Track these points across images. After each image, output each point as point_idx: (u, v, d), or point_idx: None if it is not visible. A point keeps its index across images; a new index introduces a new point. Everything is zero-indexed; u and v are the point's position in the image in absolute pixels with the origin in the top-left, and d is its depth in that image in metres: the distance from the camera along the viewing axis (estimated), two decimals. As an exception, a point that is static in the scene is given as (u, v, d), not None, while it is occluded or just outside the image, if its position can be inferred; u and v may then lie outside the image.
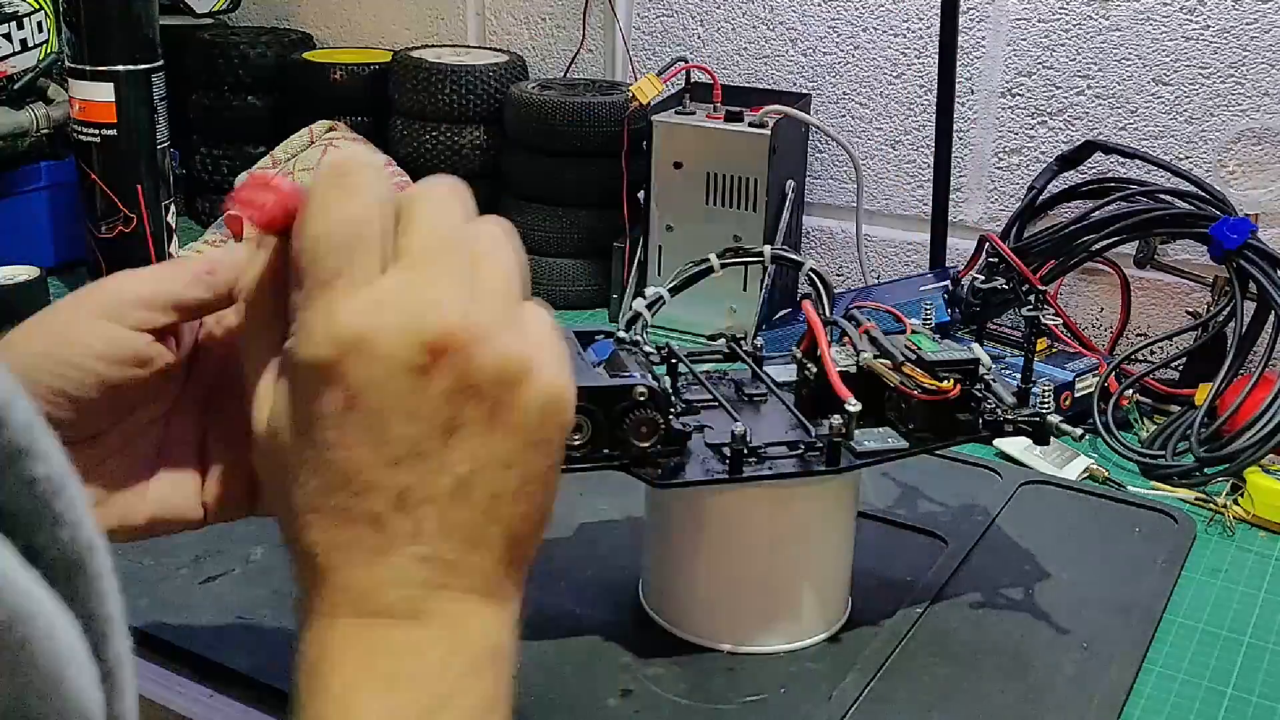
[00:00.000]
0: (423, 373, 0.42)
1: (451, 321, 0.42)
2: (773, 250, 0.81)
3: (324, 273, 0.42)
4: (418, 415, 0.42)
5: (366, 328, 0.41)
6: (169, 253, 1.32)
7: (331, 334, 0.41)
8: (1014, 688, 0.73)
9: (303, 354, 0.42)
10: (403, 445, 0.42)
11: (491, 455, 0.43)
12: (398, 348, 0.41)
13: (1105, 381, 1.09)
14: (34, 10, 1.41)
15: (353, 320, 0.41)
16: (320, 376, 0.42)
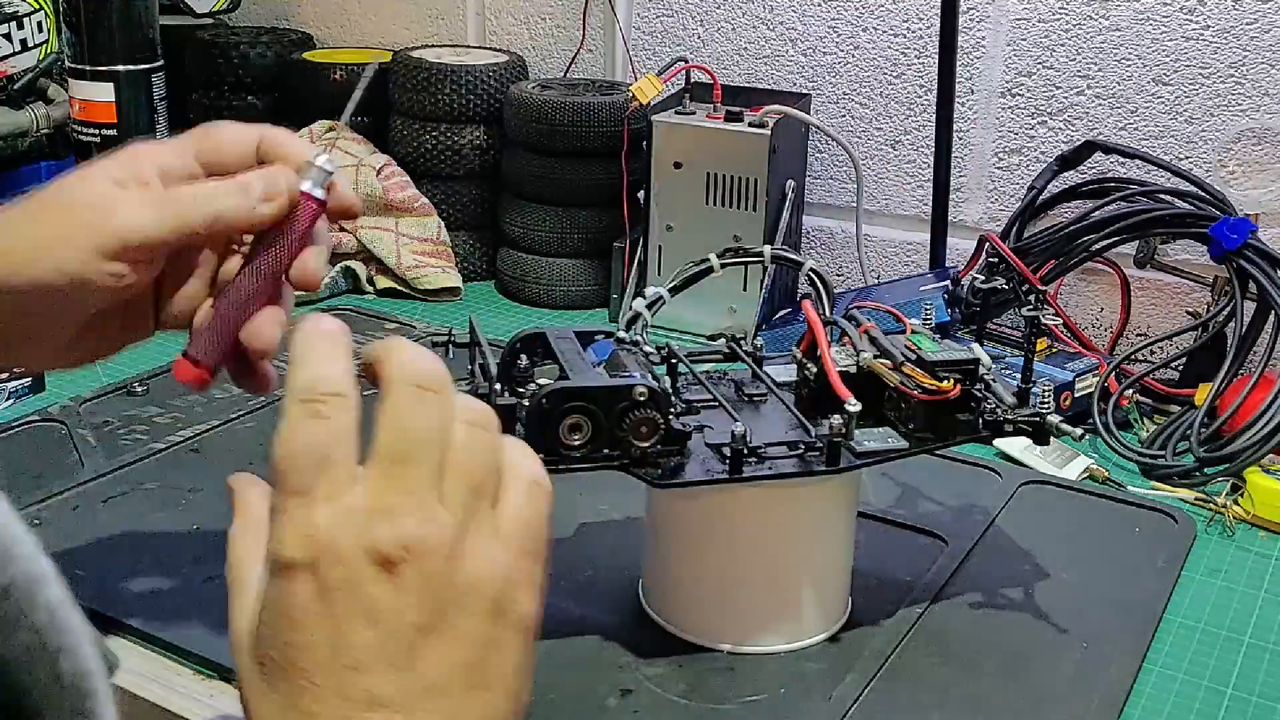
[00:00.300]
0: (384, 580, 0.43)
1: (409, 533, 0.43)
2: (773, 250, 0.81)
3: (297, 486, 0.44)
4: (380, 620, 0.43)
5: (331, 536, 0.43)
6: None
7: (301, 539, 0.43)
8: (1014, 688, 0.73)
9: (276, 555, 0.44)
10: (367, 651, 0.43)
11: (460, 659, 0.44)
12: (358, 556, 0.43)
13: (1105, 381, 1.09)
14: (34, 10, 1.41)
15: (320, 528, 0.43)
16: (289, 577, 0.43)
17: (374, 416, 0.45)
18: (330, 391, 0.46)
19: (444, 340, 0.77)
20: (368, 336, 1.24)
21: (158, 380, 1.12)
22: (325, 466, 0.44)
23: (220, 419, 1.04)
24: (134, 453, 0.98)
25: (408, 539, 0.43)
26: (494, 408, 0.67)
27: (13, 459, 0.97)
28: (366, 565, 0.43)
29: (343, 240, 1.38)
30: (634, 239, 1.31)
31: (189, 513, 0.89)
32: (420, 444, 0.45)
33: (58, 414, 1.04)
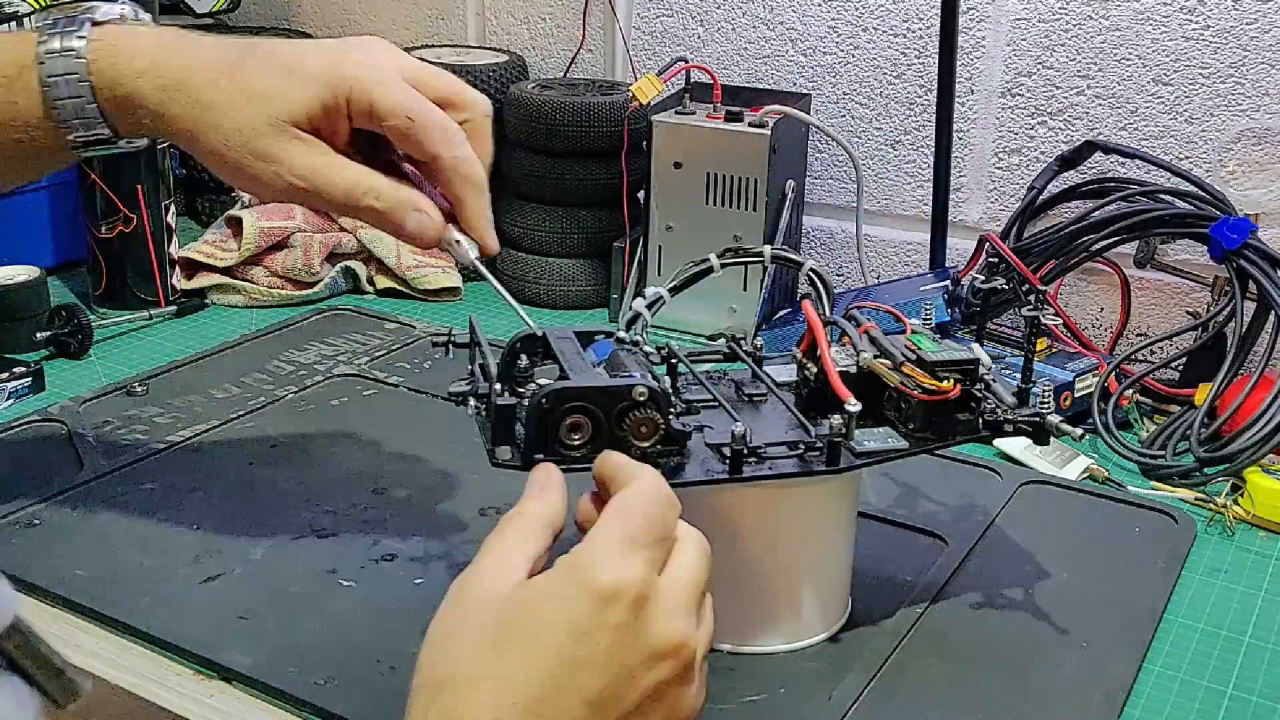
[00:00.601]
0: (655, 660, 0.54)
1: (693, 643, 0.56)
2: (773, 250, 0.81)
3: (635, 534, 0.55)
4: (627, 684, 0.53)
5: (649, 596, 0.54)
6: (169, 253, 1.32)
7: (625, 579, 0.54)
8: (1014, 687, 0.73)
9: (595, 575, 0.54)
10: (602, 695, 0.53)
11: None
12: (656, 633, 0.54)
13: (1105, 381, 1.09)
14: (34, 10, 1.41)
15: (644, 585, 0.54)
16: (596, 597, 0.53)
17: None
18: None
19: (444, 340, 0.77)
20: (368, 336, 1.24)
21: (158, 380, 1.12)
22: (662, 538, 0.56)
23: (220, 419, 1.04)
24: (134, 453, 0.98)
25: (683, 648, 0.55)
26: (493, 407, 0.68)
27: (13, 459, 0.97)
28: (649, 645, 0.54)
29: (343, 240, 1.38)
30: (634, 239, 1.31)
31: (189, 513, 0.89)
32: (702, 580, 0.59)
33: (58, 414, 1.04)
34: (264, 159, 0.68)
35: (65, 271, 1.40)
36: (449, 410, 1.04)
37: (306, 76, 0.68)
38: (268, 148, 0.68)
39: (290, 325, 1.27)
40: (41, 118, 0.69)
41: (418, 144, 0.70)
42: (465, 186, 0.71)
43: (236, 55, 0.70)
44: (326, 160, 0.69)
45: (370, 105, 0.69)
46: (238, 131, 0.68)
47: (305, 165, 0.68)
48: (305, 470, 0.96)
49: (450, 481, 0.95)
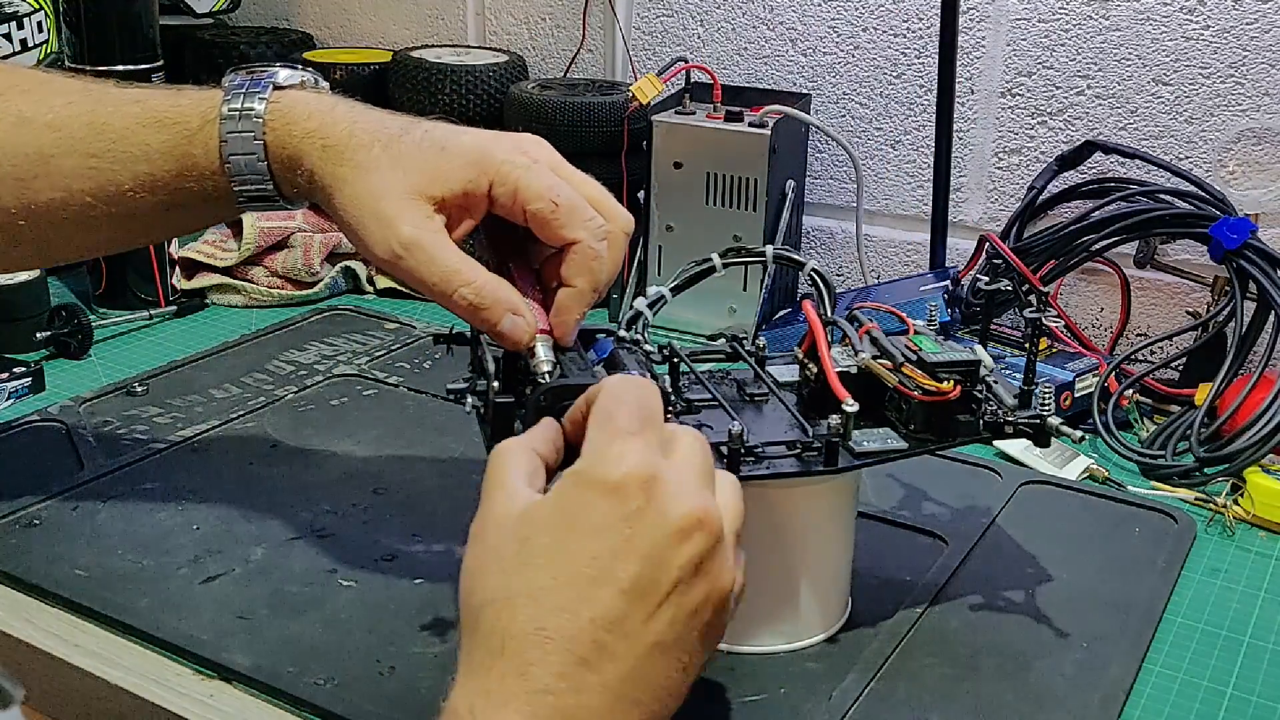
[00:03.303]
0: (681, 537, 0.54)
1: (711, 515, 0.55)
2: (775, 250, 0.81)
3: (628, 425, 0.56)
4: (656, 566, 0.53)
5: (658, 476, 0.54)
6: (169, 253, 1.32)
7: (627, 467, 0.54)
8: (1014, 688, 0.73)
9: (599, 473, 0.54)
10: (625, 581, 0.52)
11: (681, 634, 0.55)
12: (675, 508, 0.54)
13: (1105, 381, 1.09)
14: (34, 10, 1.41)
15: (648, 466, 0.54)
16: (605, 491, 0.53)
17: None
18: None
19: (445, 338, 0.77)
20: (368, 336, 1.24)
21: (158, 380, 1.12)
22: (649, 418, 0.56)
23: (220, 419, 1.04)
24: (134, 453, 0.98)
25: (706, 519, 0.54)
26: (493, 405, 0.68)
27: (13, 459, 0.97)
28: (671, 521, 0.53)
29: (343, 240, 1.38)
30: (634, 239, 1.30)
31: (189, 513, 0.89)
32: (709, 468, 0.59)
33: (58, 414, 1.04)
34: (381, 221, 0.68)
35: (65, 271, 1.40)
36: (449, 410, 1.04)
37: (457, 154, 0.69)
38: (389, 210, 0.68)
39: (290, 325, 1.27)
40: (216, 171, 0.73)
41: (558, 229, 0.69)
42: (582, 275, 0.70)
43: (398, 128, 0.71)
44: (436, 239, 0.68)
45: (516, 189, 0.69)
46: (369, 193, 0.69)
47: (414, 236, 0.68)
48: (305, 470, 0.96)
49: (450, 481, 0.95)
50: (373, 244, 0.69)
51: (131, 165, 0.73)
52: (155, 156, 0.73)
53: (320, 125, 0.72)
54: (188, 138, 0.73)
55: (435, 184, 0.69)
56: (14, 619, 0.78)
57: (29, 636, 0.77)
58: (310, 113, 0.73)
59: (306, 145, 0.72)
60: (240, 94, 0.72)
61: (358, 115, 0.73)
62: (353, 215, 0.70)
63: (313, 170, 0.71)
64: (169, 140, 0.73)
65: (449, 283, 0.68)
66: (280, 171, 0.73)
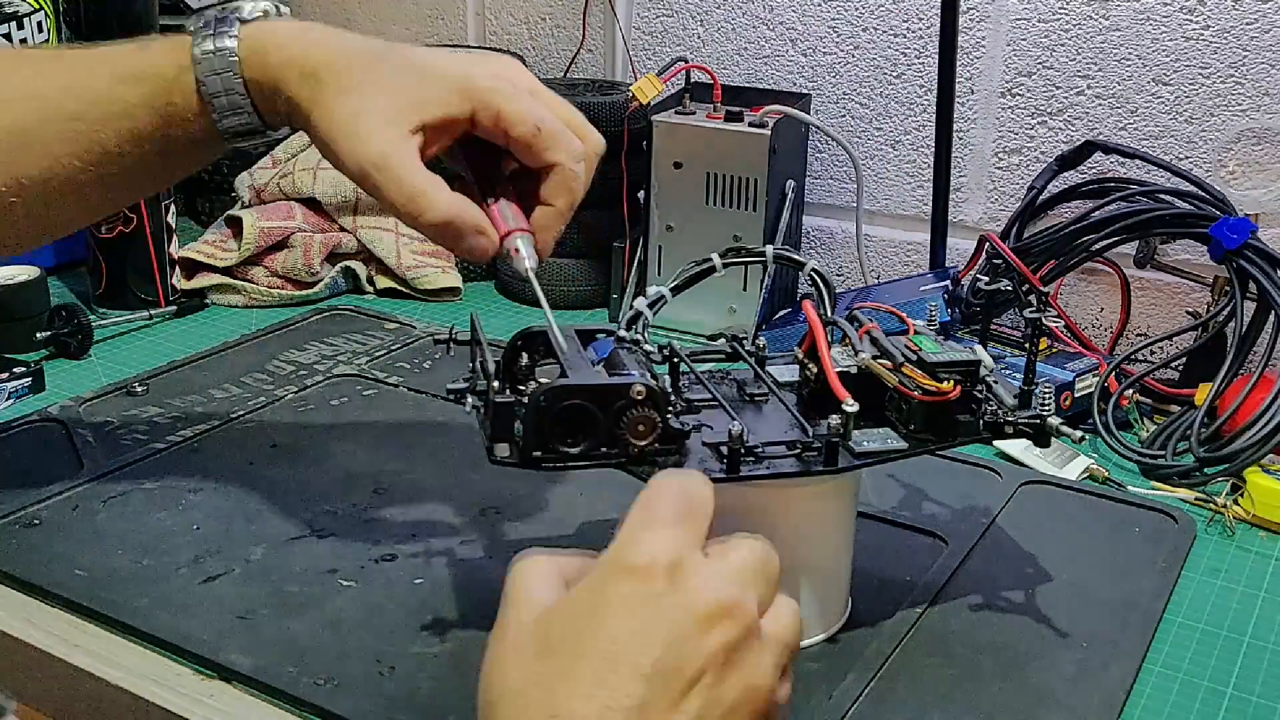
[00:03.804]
0: (708, 623, 0.50)
1: (739, 605, 0.52)
2: (775, 250, 0.81)
3: (662, 515, 0.54)
4: (675, 651, 0.50)
5: (687, 563, 0.52)
6: (169, 253, 1.32)
7: (654, 552, 0.52)
8: (1014, 688, 0.73)
9: (624, 557, 0.52)
10: (660, 666, 0.49)
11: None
12: (701, 594, 0.51)
13: (1105, 381, 1.09)
14: (34, 10, 1.41)
15: (676, 553, 0.52)
16: (628, 574, 0.51)
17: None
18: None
19: (445, 339, 0.77)
20: (368, 336, 1.24)
21: (158, 380, 1.12)
22: (689, 513, 0.54)
23: (220, 419, 1.04)
24: (134, 453, 0.98)
25: (736, 609, 0.51)
26: (492, 405, 0.68)
27: (13, 459, 0.97)
28: (696, 607, 0.50)
29: (343, 240, 1.38)
30: (634, 239, 1.31)
31: (189, 513, 0.89)
32: (761, 555, 0.56)
33: (58, 414, 1.04)
34: (355, 138, 0.70)
35: (65, 271, 1.41)
36: (449, 410, 1.04)
37: (439, 79, 0.71)
38: (364, 128, 0.70)
39: (290, 325, 1.27)
40: (198, 112, 0.74)
41: (540, 151, 0.73)
42: (561, 195, 0.75)
43: (376, 51, 0.73)
44: (406, 160, 0.70)
45: (498, 113, 0.71)
46: (349, 113, 0.70)
47: (384, 155, 0.70)
48: (305, 470, 0.96)
49: (450, 481, 0.95)
50: (344, 158, 0.71)
51: (114, 124, 0.74)
52: (136, 111, 0.74)
53: (298, 53, 0.73)
54: (166, 87, 0.74)
55: (416, 109, 0.71)
56: (14, 619, 0.78)
57: (29, 636, 0.77)
58: (283, 42, 0.73)
59: (285, 73, 0.73)
60: (209, 36, 0.73)
61: (333, 40, 0.74)
62: (328, 132, 0.71)
63: (292, 96, 0.73)
64: (148, 93, 0.74)
65: (414, 203, 0.70)
66: (261, 103, 0.74)
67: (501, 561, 0.83)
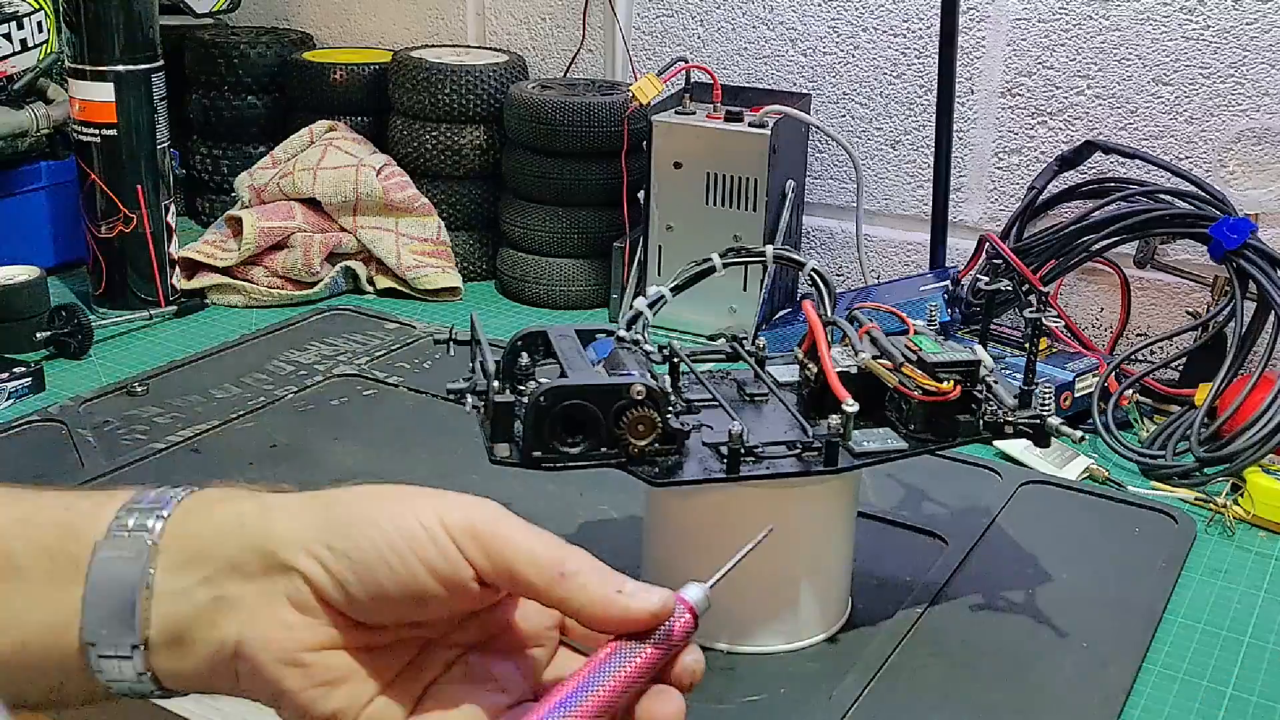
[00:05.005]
0: None
1: None
2: (775, 250, 0.81)
3: None
4: None
5: None
6: (169, 253, 1.32)
7: None
8: (1014, 688, 0.73)
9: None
10: None
11: None
12: None
13: (1105, 381, 1.09)
14: (34, 10, 1.41)
15: None
16: None
17: None
18: None
19: (445, 339, 0.77)
20: (368, 336, 1.24)
21: (158, 380, 1.12)
22: None
23: (220, 419, 1.04)
24: (134, 453, 0.98)
25: None
26: (492, 404, 0.68)
27: (13, 459, 0.97)
28: None
29: (343, 240, 1.38)
30: (634, 239, 1.31)
31: (189, 512, 0.89)
32: None
33: (58, 414, 1.04)
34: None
35: (65, 271, 1.40)
36: (449, 410, 1.04)
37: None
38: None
39: (290, 325, 1.27)
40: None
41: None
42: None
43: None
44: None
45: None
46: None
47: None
48: (305, 470, 0.96)
49: (450, 482, 0.94)
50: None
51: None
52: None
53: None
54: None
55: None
56: (14, 619, 0.78)
57: (29, 636, 0.77)
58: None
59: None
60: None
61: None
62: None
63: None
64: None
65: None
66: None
67: (501, 561, 0.84)
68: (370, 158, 1.40)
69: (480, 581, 0.44)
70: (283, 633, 0.44)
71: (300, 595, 0.44)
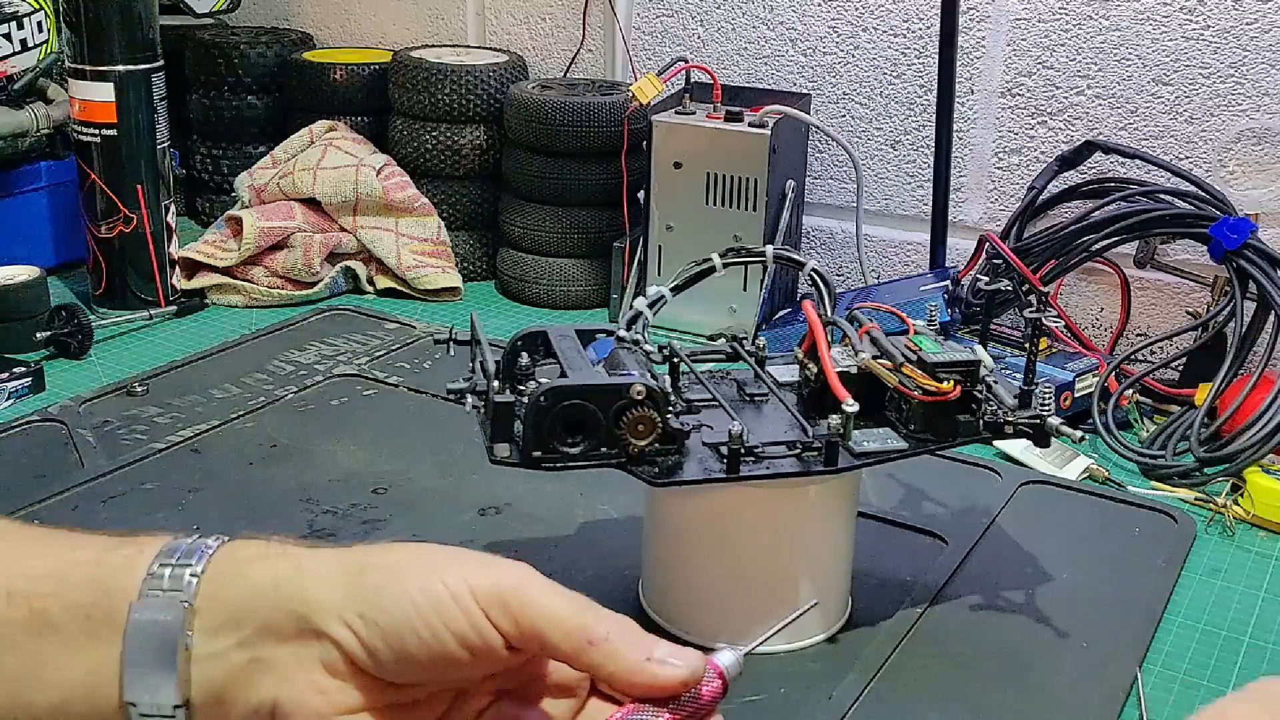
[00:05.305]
0: None
1: None
2: (775, 250, 0.81)
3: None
4: None
5: None
6: (169, 253, 1.32)
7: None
8: (1014, 688, 0.73)
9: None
10: None
11: None
12: None
13: (1105, 381, 1.09)
14: (34, 10, 1.41)
15: None
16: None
17: None
18: None
19: (445, 339, 0.77)
20: (368, 336, 1.24)
21: (158, 380, 1.12)
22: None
23: (220, 419, 1.04)
24: (134, 453, 0.98)
25: None
26: (492, 404, 0.68)
27: (13, 459, 0.97)
28: None
29: (343, 240, 1.38)
30: (634, 239, 1.31)
31: (189, 513, 0.89)
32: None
33: (58, 414, 1.04)
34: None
35: (65, 271, 1.40)
36: (449, 410, 1.04)
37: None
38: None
39: (290, 325, 1.27)
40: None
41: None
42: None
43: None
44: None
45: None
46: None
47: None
48: (305, 470, 0.96)
49: (450, 481, 0.95)
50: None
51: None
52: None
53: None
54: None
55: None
56: (14, 619, 0.78)
57: (29, 636, 0.77)
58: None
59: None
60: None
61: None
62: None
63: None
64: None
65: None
66: None
67: (501, 561, 0.84)
68: (370, 158, 1.40)
69: (510, 647, 0.45)
70: (317, 696, 0.45)
71: (333, 661, 0.45)
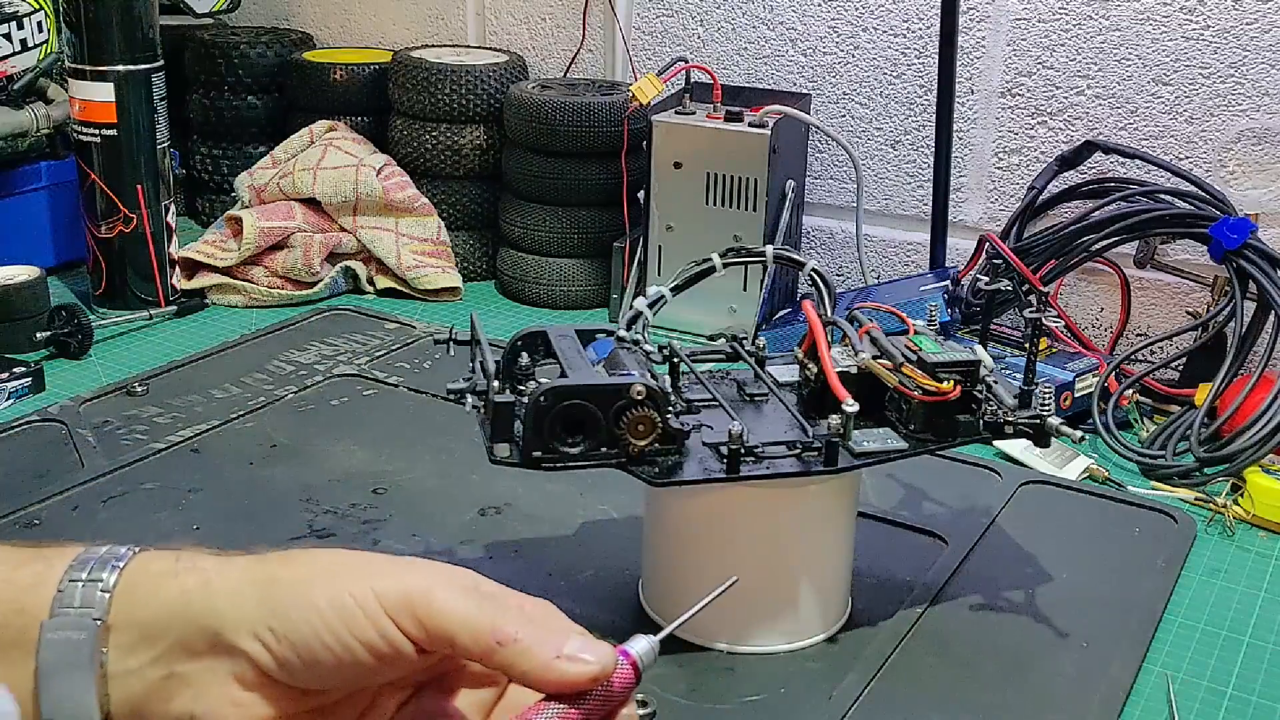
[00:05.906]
0: None
1: None
2: (775, 250, 0.81)
3: None
4: None
5: None
6: (169, 253, 1.32)
7: None
8: (1014, 688, 0.73)
9: None
10: None
11: None
12: None
13: (1105, 381, 1.09)
14: (34, 10, 1.41)
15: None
16: None
17: None
18: None
19: (445, 339, 0.77)
20: (368, 336, 1.24)
21: (158, 380, 1.12)
22: None
23: (220, 419, 1.04)
24: (134, 453, 0.98)
25: None
26: (492, 404, 0.68)
27: (13, 459, 0.97)
28: None
29: (343, 240, 1.38)
30: (634, 239, 1.31)
31: (189, 513, 0.89)
32: None
33: (58, 414, 1.04)
34: None
35: (65, 271, 1.40)
36: (449, 410, 1.04)
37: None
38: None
39: (290, 325, 1.27)
40: None
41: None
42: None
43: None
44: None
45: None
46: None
47: None
48: (305, 470, 0.96)
49: (450, 481, 0.95)
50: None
51: None
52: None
53: None
54: None
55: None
56: (14, 619, 0.78)
57: (29, 636, 0.77)
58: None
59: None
60: None
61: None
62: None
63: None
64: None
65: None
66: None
67: (502, 561, 0.84)
68: (370, 158, 1.40)
69: (421, 650, 0.45)
70: (234, 710, 0.45)
71: (246, 674, 0.45)
